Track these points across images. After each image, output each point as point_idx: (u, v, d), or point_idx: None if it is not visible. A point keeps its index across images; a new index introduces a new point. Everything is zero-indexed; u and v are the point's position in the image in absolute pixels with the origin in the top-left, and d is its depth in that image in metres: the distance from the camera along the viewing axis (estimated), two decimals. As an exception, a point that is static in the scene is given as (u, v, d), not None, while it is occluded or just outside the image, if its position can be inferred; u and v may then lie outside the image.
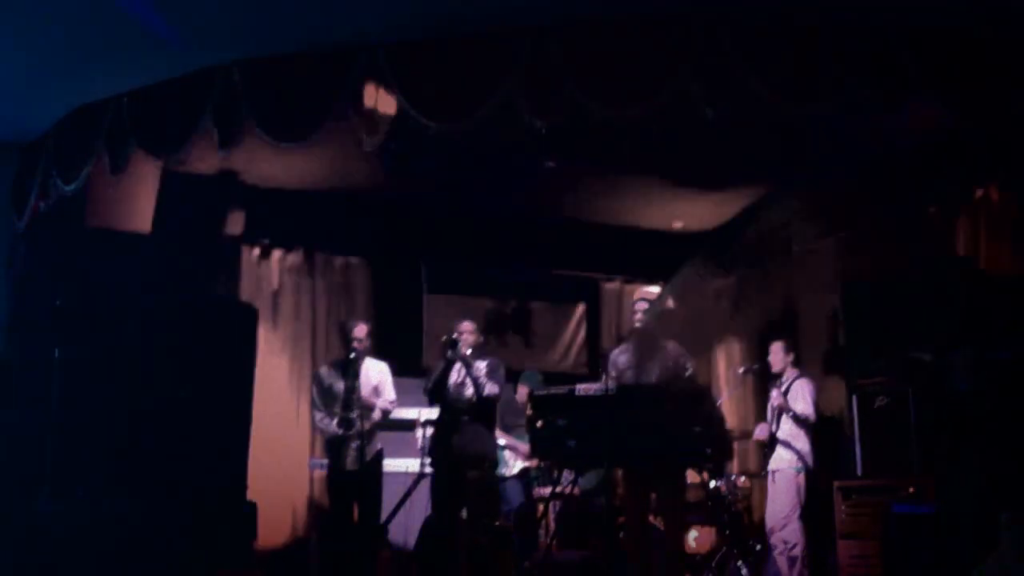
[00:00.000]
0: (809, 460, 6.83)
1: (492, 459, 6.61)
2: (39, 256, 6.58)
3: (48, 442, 6.26)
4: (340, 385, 6.70)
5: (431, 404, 6.70)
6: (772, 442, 6.95)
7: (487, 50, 4.89)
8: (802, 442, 6.84)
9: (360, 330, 6.78)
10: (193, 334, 7.01)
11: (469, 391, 6.35)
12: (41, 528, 5.91)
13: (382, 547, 6.87)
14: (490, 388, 6.32)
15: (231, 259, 7.57)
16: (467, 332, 6.51)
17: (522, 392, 7.59)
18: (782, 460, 6.87)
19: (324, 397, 6.79)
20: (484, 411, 6.42)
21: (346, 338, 6.75)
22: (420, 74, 4.94)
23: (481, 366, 6.43)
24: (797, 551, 6.69)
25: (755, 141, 6.30)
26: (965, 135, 5.64)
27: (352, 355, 6.69)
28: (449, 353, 6.36)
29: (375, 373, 6.86)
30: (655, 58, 4.77)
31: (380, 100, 4.94)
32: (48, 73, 5.45)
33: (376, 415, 6.73)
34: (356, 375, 6.70)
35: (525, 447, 7.31)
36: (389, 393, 6.89)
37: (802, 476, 6.80)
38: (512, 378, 7.24)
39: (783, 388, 6.98)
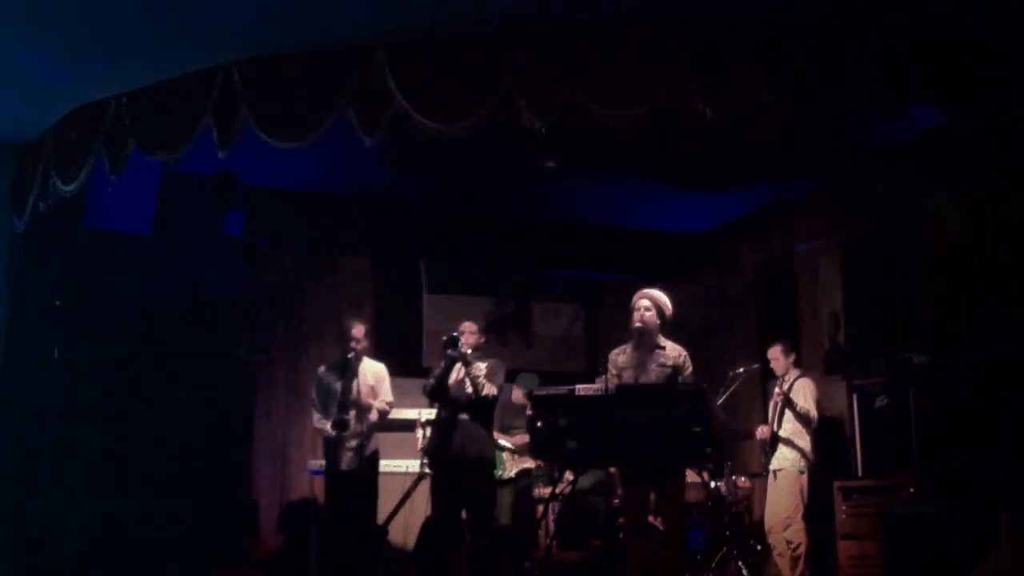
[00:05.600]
0: (812, 459, 6.83)
1: (491, 460, 6.61)
2: (39, 256, 6.58)
3: (47, 442, 6.27)
4: (338, 385, 6.70)
5: (432, 402, 6.69)
6: (774, 441, 6.95)
7: (487, 50, 4.88)
8: (804, 441, 6.84)
9: (358, 330, 6.78)
10: (193, 334, 7.04)
11: (469, 390, 6.35)
12: (40, 528, 5.91)
13: (382, 547, 6.87)
14: (488, 389, 6.31)
15: (231, 259, 7.56)
16: (468, 332, 6.50)
17: (517, 394, 7.57)
18: (784, 459, 6.87)
19: (323, 397, 6.79)
20: (482, 411, 6.42)
21: (344, 338, 6.75)
22: (420, 74, 4.93)
23: (481, 367, 6.42)
24: (801, 551, 6.68)
25: (755, 141, 6.29)
26: (965, 133, 5.64)
27: (350, 355, 6.69)
28: (449, 351, 6.35)
29: (372, 374, 6.86)
30: (655, 58, 4.76)
31: (380, 100, 4.93)
32: (48, 73, 5.44)
33: (373, 416, 6.73)
34: (353, 375, 6.70)
35: (521, 439, 7.31)
36: (386, 394, 6.88)
37: (805, 476, 6.80)
38: (510, 378, 7.24)
39: (785, 387, 6.99)
